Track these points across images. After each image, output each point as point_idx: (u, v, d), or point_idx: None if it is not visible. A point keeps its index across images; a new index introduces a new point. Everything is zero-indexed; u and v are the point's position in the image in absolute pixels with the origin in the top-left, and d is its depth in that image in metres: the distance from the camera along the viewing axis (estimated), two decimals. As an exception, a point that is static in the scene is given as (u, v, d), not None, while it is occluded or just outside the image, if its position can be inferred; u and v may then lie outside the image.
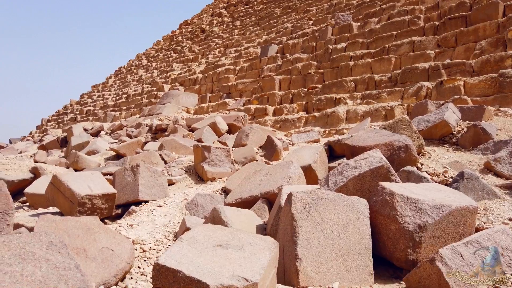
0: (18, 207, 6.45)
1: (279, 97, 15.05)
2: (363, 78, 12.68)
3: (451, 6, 12.44)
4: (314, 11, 19.70)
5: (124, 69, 33.48)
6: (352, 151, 5.83)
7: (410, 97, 11.02)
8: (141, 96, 24.10)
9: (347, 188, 4.05)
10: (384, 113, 11.09)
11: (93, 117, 25.97)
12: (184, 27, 33.23)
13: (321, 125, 12.32)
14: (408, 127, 6.30)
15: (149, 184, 6.05)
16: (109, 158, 11.33)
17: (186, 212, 5.61)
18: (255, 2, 27.30)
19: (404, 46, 12.54)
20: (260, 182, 5.31)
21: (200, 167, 7.33)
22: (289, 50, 17.38)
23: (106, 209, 5.23)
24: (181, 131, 12.48)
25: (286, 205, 3.50)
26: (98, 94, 31.10)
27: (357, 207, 3.51)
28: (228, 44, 23.84)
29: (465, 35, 11.33)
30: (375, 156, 4.22)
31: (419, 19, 13.14)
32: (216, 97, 18.50)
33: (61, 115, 31.68)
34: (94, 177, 5.40)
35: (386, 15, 14.59)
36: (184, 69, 24.42)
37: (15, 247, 2.19)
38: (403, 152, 5.42)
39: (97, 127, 17.77)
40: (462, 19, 11.79)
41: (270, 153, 8.44)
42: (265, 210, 4.77)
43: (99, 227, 3.53)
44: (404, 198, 3.51)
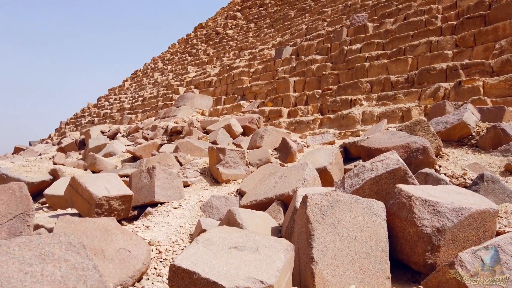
0: (37, 208, 6.59)
1: (294, 99, 15.00)
2: (379, 79, 12.54)
3: (469, 5, 12.20)
4: (328, 12, 19.61)
5: (140, 72, 33.94)
6: (368, 153, 5.76)
7: (427, 98, 10.84)
8: (157, 98, 24.38)
9: (364, 190, 4.01)
10: (400, 115, 10.94)
11: (110, 119, 26.38)
12: (199, 30, 33.50)
13: (336, 126, 12.23)
14: (425, 128, 6.20)
15: (164, 186, 6.11)
16: (126, 160, 11.49)
17: (201, 214, 5.64)
18: (269, 4, 27.33)
19: (421, 47, 12.35)
20: (275, 184, 5.30)
21: (215, 169, 7.36)
22: (304, 52, 17.32)
23: (123, 210, 5.29)
24: (196, 133, 12.56)
25: (301, 208, 3.47)
26: (115, 97, 31.59)
27: (374, 210, 3.46)
28: (242, 47, 23.92)
29: (484, 34, 11.10)
30: (392, 158, 4.16)
31: (436, 19, 12.93)
32: (231, 99, 18.57)
33: (79, 118, 32.29)
34: (111, 179, 5.48)
35: (402, 15, 14.41)
36: (199, 71, 24.60)
37: (36, 248, 2.23)
38: (420, 154, 5.33)
39: (114, 130, 18.04)
40: (480, 18, 11.55)
41: (285, 155, 8.42)
42: (280, 212, 4.75)
43: (116, 228, 3.57)
44: (422, 200, 3.44)
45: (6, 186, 3.32)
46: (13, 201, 3.22)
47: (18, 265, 2.15)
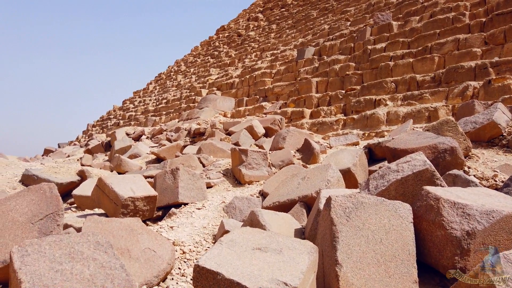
0: (66, 208, 6.79)
1: (316, 99, 14.88)
2: (404, 79, 12.28)
3: (499, 2, 11.80)
4: (351, 11, 19.37)
5: (163, 75, 34.50)
6: (394, 154, 5.65)
7: (455, 97, 10.53)
8: (180, 101, 24.72)
9: (389, 192, 3.92)
10: (427, 115, 10.67)
11: (135, 122, 26.93)
12: (221, 32, 33.77)
13: (360, 127, 12.05)
14: (453, 128, 6.02)
15: (188, 187, 6.17)
16: (150, 161, 11.69)
17: (224, 215, 5.67)
18: (291, 5, 27.25)
19: (448, 45, 12.02)
20: (297, 185, 5.27)
21: (237, 170, 7.39)
22: (326, 52, 17.17)
23: (148, 211, 5.38)
24: (218, 134, 12.65)
25: (325, 209, 3.44)
26: (139, 99, 32.24)
27: (400, 212, 3.39)
28: (264, 48, 23.94)
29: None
30: (419, 159, 4.06)
31: (464, 16, 12.56)
32: (253, 101, 18.61)
33: (105, 120, 33.12)
34: (137, 180, 5.58)
35: (428, 13, 14.07)
36: (221, 73, 24.78)
37: (65, 247, 2.30)
38: (448, 155, 5.18)
39: (138, 132, 18.41)
40: (511, 15, 11.14)
41: (308, 156, 8.36)
42: (303, 214, 4.72)
43: (142, 229, 3.63)
44: (451, 203, 3.34)
45: (37, 186, 3.43)
46: (44, 201, 3.32)
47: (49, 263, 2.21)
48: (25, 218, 3.17)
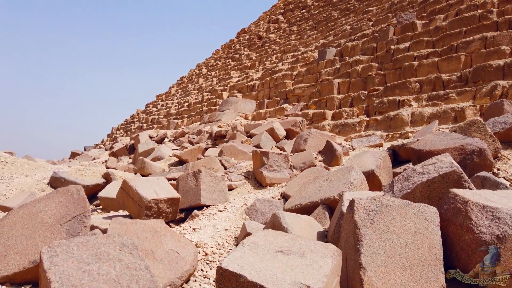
0: (92, 210, 6.97)
1: (338, 101, 14.73)
2: (429, 79, 12.00)
3: (529, -3, 11.39)
4: (374, 11, 19.10)
5: (185, 79, 34.96)
6: (419, 156, 5.52)
7: (483, 97, 10.20)
8: (201, 104, 24.97)
9: (414, 195, 3.83)
10: (453, 115, 10.38)
11: (158, 125, 27.38)
12: (241, 35, 33.94)
13: (383, 128, 11.84)
14: (481, 129, 5.83)
15: (210, 189, 6.22)
16: (173, 164, 11.85)
17: (246, 217, 5.67)
18: (312, 6, 27.12)
19: (475, 43, 11.68)
20: (320, 188, 5.22)
21: (258, 172, 7.39)
22: (348, 53, 16.98)
23: (171, 213, 5.45)
24: (239, 137, 12.70)
25: (348, 212, 3.39)
26: (161, 103, 32.76)
27: (426, 215, 3.30)
28: (285, 50, 23.91)
29: (547, 27, 10.29)
30: (445, 161, 3.95)
31: (491, 13, 12.18)
32: (274, 103, 18.59)
33: (129, 123, 33.82)
34: (160, 182, 5.66)
35: (453, 11, 13.72)
36: (242, 76, 24.89)
37: (92, 247, 2.35)
38: (476, 156, 5.02)
39: (161, 135, 18.70)
40: (542, 10, 10.73)
41: (330, 158, 8.28)
42: (326, 217, 4.67)
43: (165, 230, 3.68)
44: (480, 206, 3.24)
45: (65, 189, 3.54)
46: (71, 203, 3.42)
47: (76, 263, 2.27)
48: (54, 219, 3.26)
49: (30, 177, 9.27)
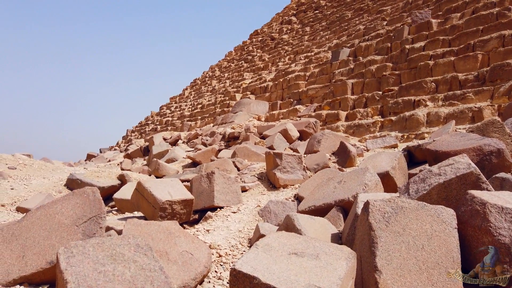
0: (107, 211, 7.06)
1: (352, 101, 14.61)
2: (445, 78, 11.80)
3: (549, -7, 11.10)
4: (388, 10, 18.90)
5: (198, 81, 35.19)
6: (435, 157, 5.42)
7: (501, 96, 9.98)
8: (215, 105, 25.08)
9: (431, 196, 3.77)
10: (470, 115, 10.18)
11: (171, 127, 27.61)
12: (254, 37, 34.00)
13: (398, 129, 11.69)
14: (500, 129, 5.70)
15: (223, 190, 6.24)
16: (186, 165, 11.92)
17: (259, 218, 5.67)
18: (325, 6, 26.99)
19: (492, 41, 11.44)
20: (333, 189, 5.18)
21: (272, 174, 7.37)
22: (362, 53, 16.83)
23: (185, 214, 5.48)
24: (252, 138, 12.70)
25: (363, 214, 3.35)
26: (175, 105, 33.04)
27: (443, 217, 3.24)
28: (298, 51, 23.84)
29: None
30: (462, 162, 3.87)
31: (509, 11, 11.91)
32: (287, 104, 18.55)
33: (143, 126, 34.20)
34: (174, 184, 5.71)
35: (470, 9, 13.47)
36: (255, 77, 24.92)
37: (108, 248, 2.38)
38: (495, 157, 4.91)
39: (175, 137, 18.85)
40: None
41: (344, 159, 8.21)
42: (340, 219, 4.63)
43: (179, 232, 3.70)
44: (498, 208, 3.16)
45: (81, 190, 3.59)
46: (87, 204, 3.47)
47: (92, 264, 2.30)
48: (70, 220, 3.32)
49: (48, 178, 9.46)
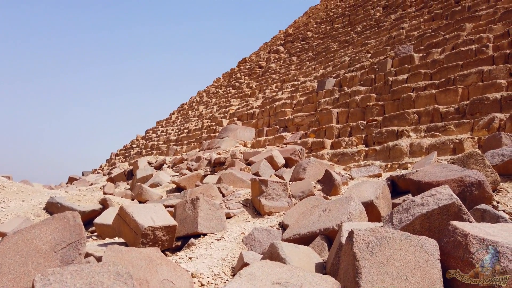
0: (87, 236, 6.86)
1: (337, 130, 14.83)
2: (427, 110, 12.14)
3: (523, 33, 11.70)
4: (372, 43, 19.56)
5: (186, 105, 35.30)
6: (418, 187, 5.50)
7: (480, 129, 10.29)
8: (201, 130, 25.09)
9: (414, 227, 3.80)
10: (452, 147, 10.43)
11: (157, 151, 27.40)
12: (242, 64, 34.57)
13: (382, 159, 11.86)
14: (480, 161, 5.85)
15: (207, 217, 6.16)
16: (171, 190, 11.77)
17: (243, 246, 5.59)
18: (312, 37, 27.77)
19: (471, 76, 11.89)
20: (318, 217, 5.17)
21: (257, 200, 7.33)
22: (347, 83, 17.25)
23: (167, 241, 5.37)
24: (238, 164, 12.68)
25: (347, 244, 3.35)
26: (162, 129, 32.92)
27: (426, 248, 3.26)
28: (285, 79, 24.29)
29: (541, 62, 10.51)
30: (444, 193, 3.94)
31: (487, 47, 12.48)
32: (273, 131, 18.70)
33: (128, 149, 33.84)
34: (157, 209, 5.61)
35: (450, 44, 14.05)
36: (242, 104, 25.16)
37: (86, 276, 2.30)
38: (475, 188, 5.01)
39: (160, 161, 18.68)
40: (536, 46, 11.00)
41: (329, 187, 8.24)
42: (325, 248, 4.60)
43: (161, 259, 3.62)
44: (480, 239, 3.20)
45: (61, 215, 3.50)
46: (67, 229, 3.37)
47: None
48: (48, 246, 3.21)
49: (26, 202, 9.19)
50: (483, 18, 14.25)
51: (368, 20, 22.68)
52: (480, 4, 15.12)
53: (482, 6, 14.89)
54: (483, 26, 13.89)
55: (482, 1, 15.15)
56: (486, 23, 13.88)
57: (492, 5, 14.51)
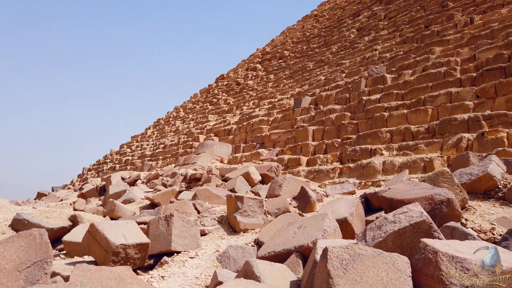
0: (55, 254, 6.59)
1: (313, 147, 15.02)
2: (399, 129, 12.50)
3: (488, 58, 12.31)
4: (347, 64, 20.11)
5: (162, 121, 34.95)
6: (390, 205, 5.61)
7: (449, 148, 10.66)
8: (177, 146, 24.85)
9: (386, 244, 3.86)
10: (422, 165, 10.74)
11: (131, 166, 26.86)
12: (220, 80, 34.72)
13: (356, 176, 12.06)
14: (449, 180, 6.04)
15: (182, 234, 6.04)
16: (144, 207, 11.52)
17: (218, 264, 5.50)
18: (289, 56, 28.30)
19: (440, 97, 12.37)
20: (293, 235, 5.17)
21: (232, 217, 7.28)
22: (323, 102, 17.59)
23: (139, 259, 5.23)
24: (214, 180, 12.59)
25: (322, 261, 3.36)
26: (137, 144, 32.39)
27: (398, 265, 3.31)
28: (262, 96, 24.52)
29: (505, 86, 11.06)
30: (416, 211, 4.04)
31: (455, 70, 13.05)
32: (250, 147, 18.74)
33: (101, 164, 33.03)
34: (129, 226, 5.47)
35: (420, 67, 14.62)
36: (219, 120, 25.16)
37: (51, 297, 2.20)
38: (445, 206, 5.16)
39: (134, 176, 18.29)
40: (500, 70, 11.58)
41: (304, 204, 8.28)
42: (299, 265, 4.59)
43: (132, 278, 3.51)
44: (449, 256, 3.28)
45: (27, 232, 3.35)
46: (33, 247, 3.23)
47: (32, 315, 2.11)
48: (12, 265, 3.06)
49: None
50: (451, 43, 14.95)
51: (343, 41, 23.36)
52: (448, 29, 15.88)
53: (450, 31, 15.64)
54: (451, 50, 14.55)
55: (450, 27, 15.93)
56: (454, 47, 14.56)
57: (459, 31, 15.27)
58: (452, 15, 16.46)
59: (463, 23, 15.53)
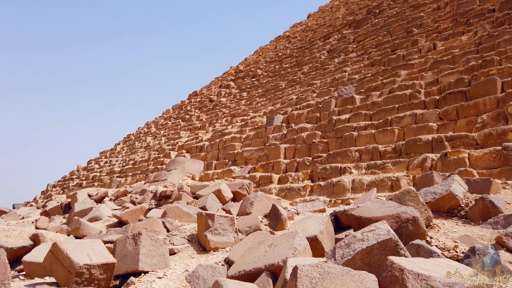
0: (14, 276, 6.24)
1: (284, 165, 15.14)
2: (367, 148, 12.84)
3: (450, 82, 12.96)
4: (317, 84, 20.60)
5: (133, 136, 34.31)
6: (359, 223, 5.71)
7: (415, 168, 11.03)
8: (148, 162, 24.39)
9: (355, 262, 3.92)
10: (389, 184, 11.03)
11: (99, 183, 26.06)
12: (193, 97, 34.65)
13: (326, 194, 12.22)
14: (415, 198, 6.23)
15: (150, 253, 5.89)
16: (112, 225, 11.16)
17: (187, 284, 5.39)
18: (262, 75, 28.70)
19: (406, 118, 12.86)
20: (264, 253, 5.16)
21: (203, 236, 7.17)
22: (294, 120, 17.86)
23: (104, 280, 5.04)
24: (185, 198, 12.40)
25: (292, 280, 3.37)
26: (105, 160, 31.54)
27: (366, 283, 3.36)
28: (235, 114, 24.63)
29: (466, 109, 11.65)
30: (383, 229, 4.14)
31: (419, 93, 13.63)
32: (222, 165, 18.66)
33: (67, 180, 31.86)
34: (94, 245, 5.29)
35: (387, 89, 15.18)
36: (191, 136, 24.98)
37: (8, 322, 2.09)
38: (411, 224, 5.31)
39: (101, 193, 17.74)
40: (461, 94, 12.21)
41: (275, 222, 8.29)
42: (270, 284, 4.57)
43: (96, 300, 3.37)
44: (415, 274, 3.37)
45: (-16, 252, 3.17)
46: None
47: None
48: (-34, 288, 2.87)
49: None
50: (416, 66, 15.67)
51: (314, 62, 23.99)
52: (413, 54, 16.65)
53: (415, 56, 16.41)
54: (416, 73, 15.24)
55: (415, 51, 16.71)
56: (418, 71, 15.25)
57: (423, 55, 16.04)
58: (417, 40, 17.30)
59: (426, 48, 16.34)
